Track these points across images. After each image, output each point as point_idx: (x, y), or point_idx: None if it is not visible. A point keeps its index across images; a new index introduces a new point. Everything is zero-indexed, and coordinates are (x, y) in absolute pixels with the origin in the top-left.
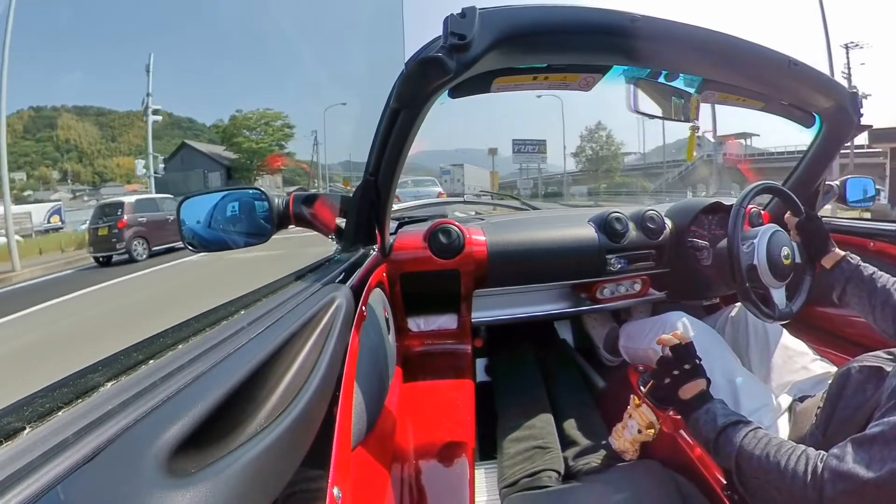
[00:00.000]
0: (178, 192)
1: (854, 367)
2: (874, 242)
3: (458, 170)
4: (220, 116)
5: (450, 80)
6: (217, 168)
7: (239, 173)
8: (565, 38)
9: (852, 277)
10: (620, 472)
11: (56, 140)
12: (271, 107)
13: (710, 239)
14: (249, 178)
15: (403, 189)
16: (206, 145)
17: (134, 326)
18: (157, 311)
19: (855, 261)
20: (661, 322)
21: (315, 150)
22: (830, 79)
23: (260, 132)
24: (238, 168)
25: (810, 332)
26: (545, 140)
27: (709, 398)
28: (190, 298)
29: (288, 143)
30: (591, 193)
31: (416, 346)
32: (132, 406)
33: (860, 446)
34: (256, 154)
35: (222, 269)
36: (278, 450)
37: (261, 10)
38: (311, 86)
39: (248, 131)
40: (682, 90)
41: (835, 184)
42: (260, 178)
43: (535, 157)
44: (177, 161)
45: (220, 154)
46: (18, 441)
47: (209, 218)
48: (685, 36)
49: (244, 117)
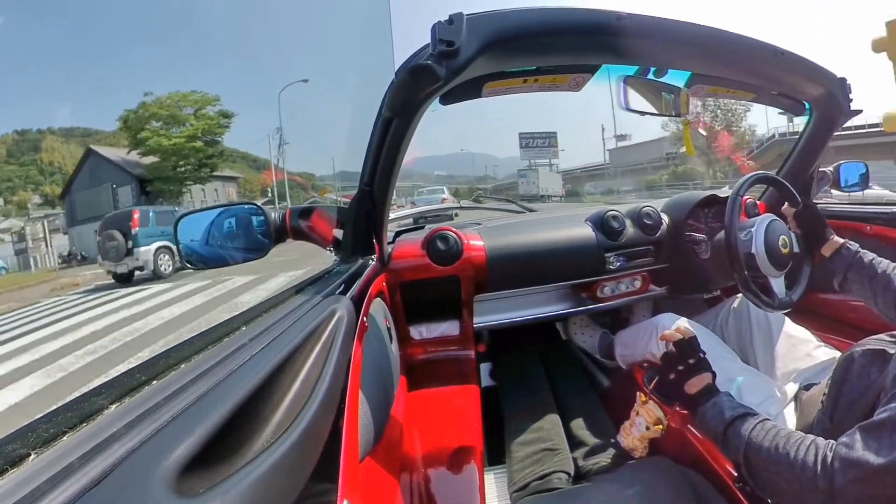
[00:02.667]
0: (90, 216)
1: (857, 351)
2: (871, 226)
3: (532, 173)
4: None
5: (440, 86)
6: (129, 180)
7: (157, 184)
8: (553, 39)
9: (853, 264)
10: (630, 470)
11: (39, 163)
12: (202, 89)
13: (707, 232)
14: (172, 193)
15: (419, 196)
16: (115, 151)
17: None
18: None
19: (854, 247)
20: (654, 325)
21: (281, 153)
22: (818, 66)
23: (182, 123)
24: (158, 177)
25: (812, 318)
26: (555, 132)
27: (715, 392)
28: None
29: (225, 137)
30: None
31: (419, 354)
32: (137, 427)
33: (868, 433)
34: (178, 155)
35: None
36: (286, 465)
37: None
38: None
39: (159, 123)
40: (672, 85)
41: (828, 170)
42: (190, 191)
43: (546, 151)
44: (84, 176)
45: (136, 161)
46: (24, 468)
47: (206, 235)
48: (671, 31)
49: (158, 104)
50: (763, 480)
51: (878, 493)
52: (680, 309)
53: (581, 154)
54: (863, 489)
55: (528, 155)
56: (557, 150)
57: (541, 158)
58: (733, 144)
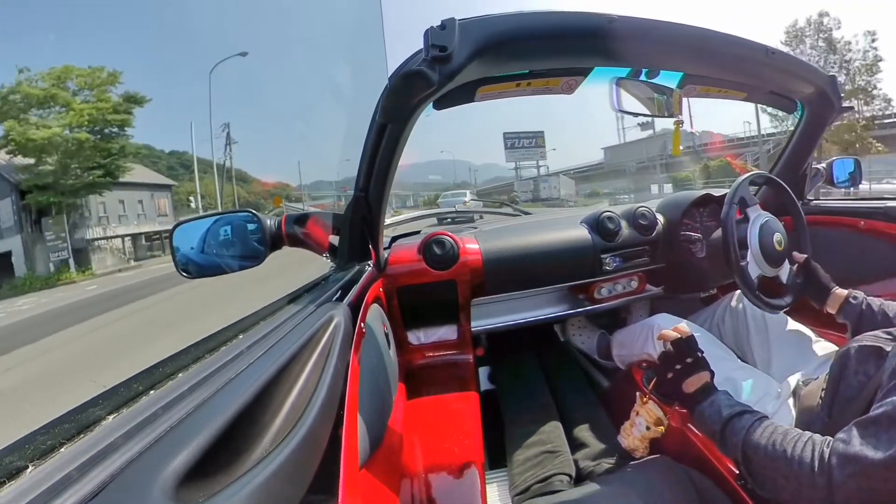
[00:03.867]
0: None
1: (853, 346)
2: (865, 221)
3: (554, 178)
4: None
5: (433, 91)
6: (7, 190)
7: (36, 195)
8: (545, 43)
9: (863, 316)
10: (632, 470)
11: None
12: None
13: (702, 231)
14: (63, 206)
15: (444, 199)
16: None
17: None
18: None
19: (860, 297)
20: (649, 326)
21: (227, 154)
22: (809, 64)
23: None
24: (36, 184)
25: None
26: (542, 132)
27: (713, 390)
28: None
29: (130, 129)
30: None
31: (417, 360)
32: (135, 438)
33: (866, 428)
34: (60, 152)
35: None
36: (285, 473)
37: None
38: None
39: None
40: (664, 86)
41: (821, 167)
42: (86, 203)
43: (533, 151)
44: None
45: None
46: (21, 480)
47: (202, 243)
48: (663, 33)
49: (30, 84)
50: (761, 477)
51: (875, 487)
52: (676, 308)
53: (571, 154)
54: (860, 484)
55: (514, 156)
56: (545, 150)
57: (527, 160)
58: (726, 145)
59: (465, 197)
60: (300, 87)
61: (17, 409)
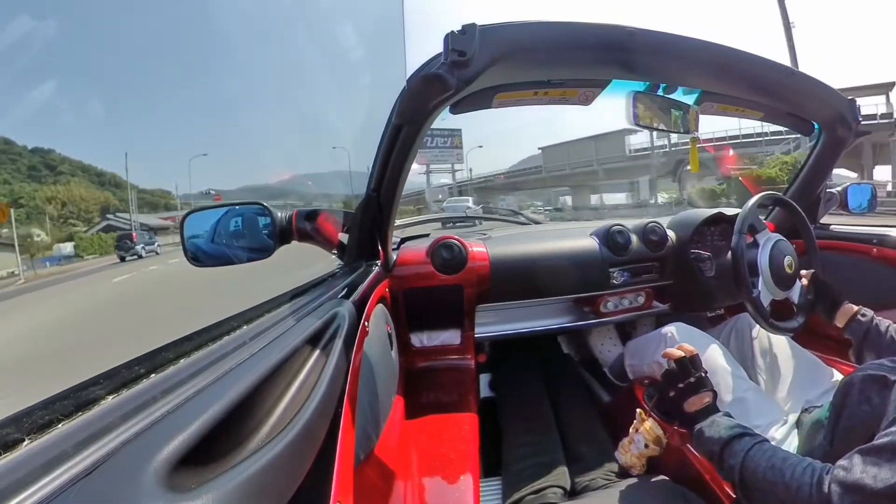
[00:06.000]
0: None
1: (857, 376)
2: (877, 248)
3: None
4: None
5: (451, 95)
6: None
7: None
8: (564, 53)
9: (869, 334)
10: (627, 487)
11: None
12: None
13: (712, 250)
14: None
15: (448, 204)
16: None
17: None
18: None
19: (868, 315)
20: (661, 334)
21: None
22: (829, 87)
23: None
24: None
25: (816, 340)
26: (460, 129)
27: (714, 411)
28: None
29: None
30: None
31: (419, 362)
32: (133, 420)
33: (868, 457)
34: None
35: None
36: (280, 466)
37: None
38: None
39: None
40: (681, 102)
41: (836, 191)
42: None
43: (448, 153)
44: None
45: None
46: (17, 452)
47: (212, 233)
48: (683, 48)
49: None
50: (758, 502)
51: None
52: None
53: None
54: None
55: (427, 157)
56: (462, 151)
57: (441, 163)
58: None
59: (469, 204)
60: (299, 87)
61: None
